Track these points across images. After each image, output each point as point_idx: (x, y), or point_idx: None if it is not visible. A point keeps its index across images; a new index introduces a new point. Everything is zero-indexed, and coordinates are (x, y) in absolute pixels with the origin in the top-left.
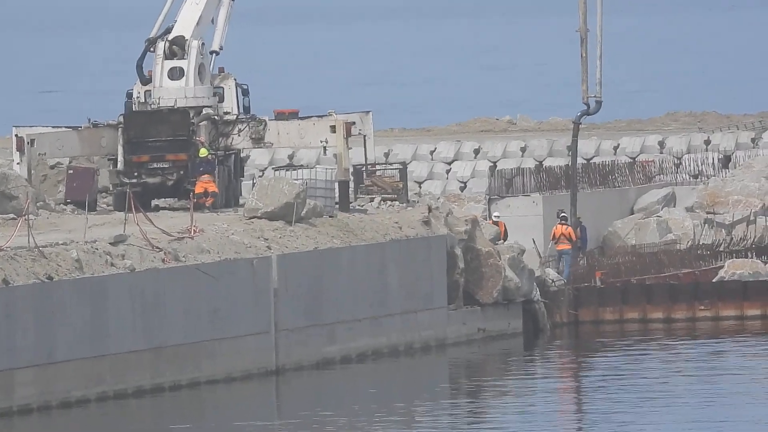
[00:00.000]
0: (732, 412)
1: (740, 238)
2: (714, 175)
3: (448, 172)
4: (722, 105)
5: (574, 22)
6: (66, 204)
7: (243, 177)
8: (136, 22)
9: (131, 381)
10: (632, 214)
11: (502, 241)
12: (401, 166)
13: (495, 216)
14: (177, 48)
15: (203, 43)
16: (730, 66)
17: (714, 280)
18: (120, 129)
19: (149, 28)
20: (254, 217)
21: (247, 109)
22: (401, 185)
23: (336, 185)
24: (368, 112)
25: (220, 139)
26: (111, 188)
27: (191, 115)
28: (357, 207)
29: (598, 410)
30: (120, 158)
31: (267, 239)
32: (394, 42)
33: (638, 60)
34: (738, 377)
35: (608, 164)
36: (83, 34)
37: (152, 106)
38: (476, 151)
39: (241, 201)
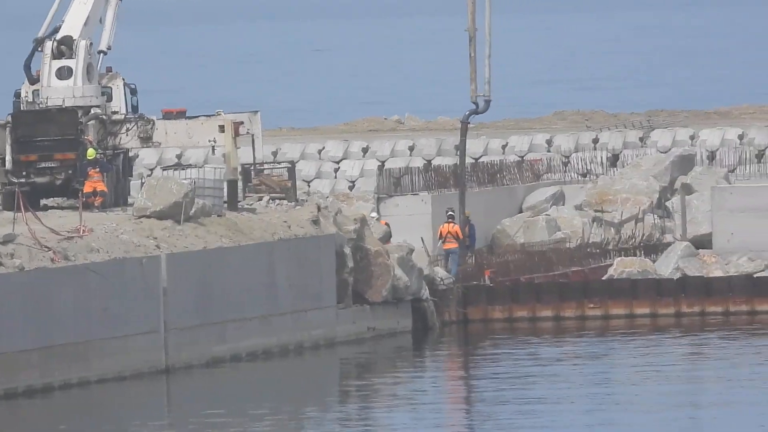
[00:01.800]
0: (620, 411)
1: (629, 237)
2: (602, 174)
3: (336, 171)
4: (610, 104)
5: (464, 22)
6: None
7: (131, 176)
8: (23, 22)
9: (21, 380)
10: (521, 212)
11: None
12: (290, 165)
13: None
14: (65, 48)
15: (91, 43)
16: (617, 65)
17: (603, 279)
18: (8, 128)
19: (37, 28)
20: (143, 217)
21: (135, 109)
22: (290, 184)
23: (224, 184)
24: (256, 111)
25: (109, 138)
26: None
27: (79, 114)
28: (246, 206)
29: (486, 408)
30: (8, 157)
31: (156, 238)
32: (284, 42)
33: (528, 59)
34: (626, 374)
35: (497, 163)
36: None
37: (40, 105)
38: (364, 150)
39: (129, 200)
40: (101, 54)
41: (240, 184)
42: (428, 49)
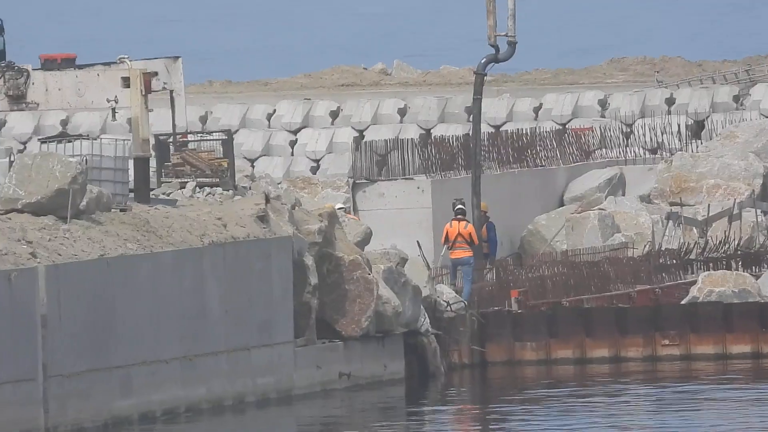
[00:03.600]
0: None
1: (720, 241)
2: (680, 150)
3: (293, 144)
4: (691, 48)
5: None
6: None
7: None
8: None
9: None
10: (562, 205)
11: None
12: (225, 137)
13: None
14: None
15: None
16: None
17: (683, 302)
18: None
19: None
20: (12, 211)
21: (1, 54)
22: (225, 164)
23: (131, 164)
24: (177, 57)
25: None
26: None
27: None
28: (162, 196)
29: None
30: None
31: (31, 243)
32: None
33: None
34: None
35: (526, 133)
36: None
37: None
38: (334, 114)
39: None
40: None
41: (153, 163)
42: None
